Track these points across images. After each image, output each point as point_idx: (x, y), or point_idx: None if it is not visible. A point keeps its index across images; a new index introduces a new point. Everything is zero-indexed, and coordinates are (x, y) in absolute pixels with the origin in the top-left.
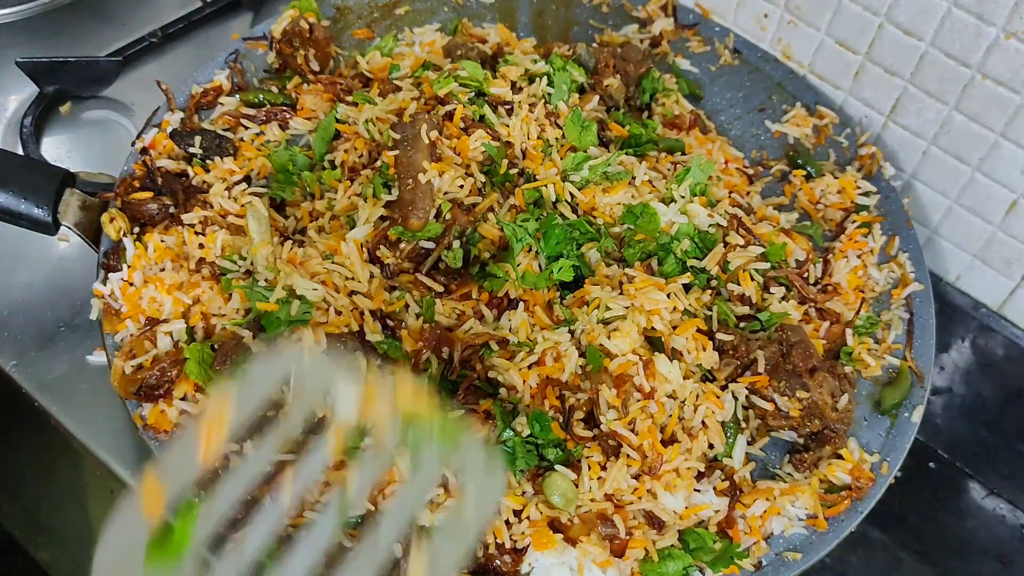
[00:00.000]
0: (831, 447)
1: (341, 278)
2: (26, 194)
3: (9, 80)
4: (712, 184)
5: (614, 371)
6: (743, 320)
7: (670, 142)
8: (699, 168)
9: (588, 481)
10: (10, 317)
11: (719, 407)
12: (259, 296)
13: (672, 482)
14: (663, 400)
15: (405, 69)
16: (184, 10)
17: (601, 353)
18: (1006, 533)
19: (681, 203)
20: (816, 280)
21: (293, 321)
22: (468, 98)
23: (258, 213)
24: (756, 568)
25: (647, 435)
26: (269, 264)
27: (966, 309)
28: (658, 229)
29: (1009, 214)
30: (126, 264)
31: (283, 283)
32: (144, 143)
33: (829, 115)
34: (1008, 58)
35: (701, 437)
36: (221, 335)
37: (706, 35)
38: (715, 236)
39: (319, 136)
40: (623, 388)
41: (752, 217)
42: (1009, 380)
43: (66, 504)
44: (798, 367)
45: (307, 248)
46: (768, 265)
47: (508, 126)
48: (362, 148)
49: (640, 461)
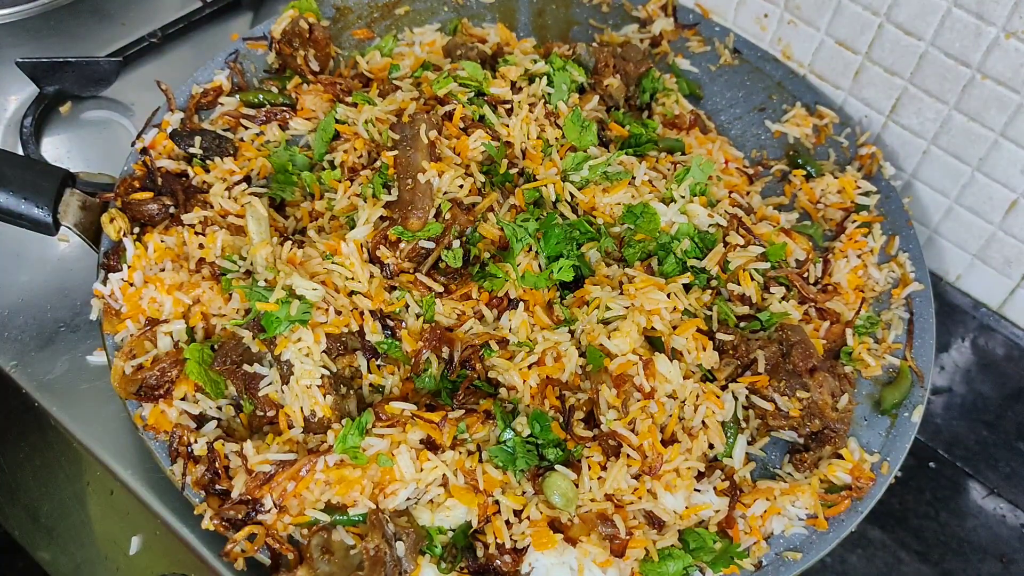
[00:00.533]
0: (831, 447)
1: (341, 278)
2: (26, 194)
3: (9, 80)
4: (712, 184)
5: (614, 371)
6: (743, 320)
7: (670, 142)
8: (699, 168)
9: (588, 481)
10: (10, 317)
11: (719, 407)
12: (259, 296)
13: (672, 482)
14: (663, 400)
15: (405, 69)
16: (184, 10)
17: (601, 353)
18: (1006, 533)
19: (681, 203)
20: (816, 280)
21: (293, 321)
22: (468, 98)
23: (257, 213)
24: (756, 568)
25: (647, 435)
26: (269, 264)
27: (966, 309)
28: (658, 229)
29: (1009, 214)
30: (126, 264)
31: (283, 283)
32: (144, 143)
33: (829, 115)
34: (1008, 58)
35: (701, 437)
36: (221, 335)
37: (706, 35)
38: (715, 236)
39: (319, 136)
40: (623, 388)
41: (752, 217)
42: (1009, 380)
43: (66, 504)
44: (798, 367)
45: (307, 248)
46: (768, 265)
47: (508, 126)
48: (362, 148)
49: (640, 461)
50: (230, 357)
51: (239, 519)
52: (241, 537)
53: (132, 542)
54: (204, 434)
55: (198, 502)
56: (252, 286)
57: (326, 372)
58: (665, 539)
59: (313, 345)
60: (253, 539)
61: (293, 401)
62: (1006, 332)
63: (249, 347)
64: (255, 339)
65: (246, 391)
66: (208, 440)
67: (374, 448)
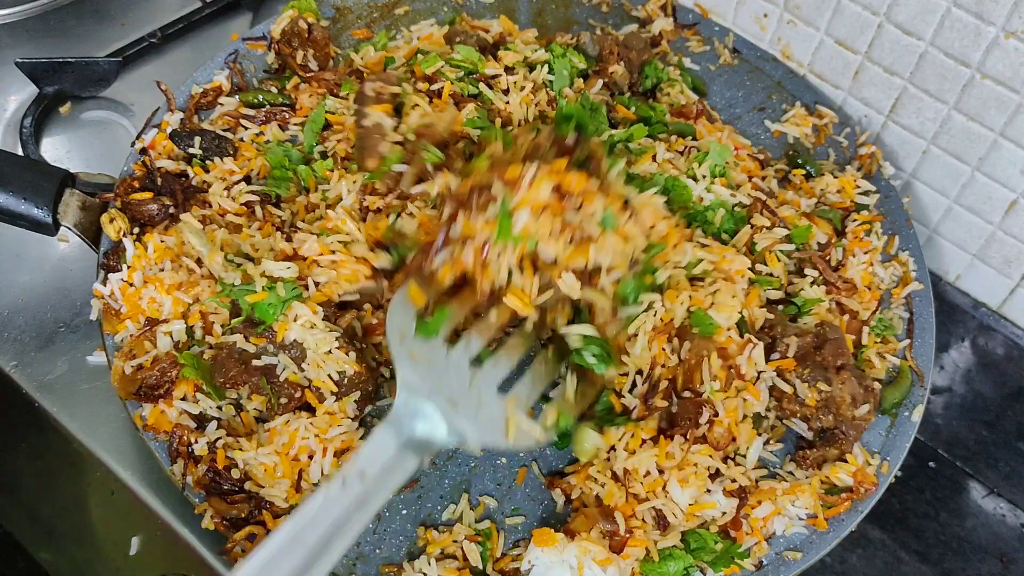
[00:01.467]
0: (837, 449)
1: (335, 244)
2: (26, 194)
3: (9, 80)
4: (730, 168)
5: (720, 344)
6: (779, 304)
7: (680, 126)
8: (717, 152)
9: (620, 449)
10: (10, 317)
11: (756, 397)
12: (244, 293)
13: (688, 476)
14: (761, 389)
15: (400, 61)
16: (184, 10)
17: (710, 320)
18: (1006, 533)
19: (704, 182)
20: (836, 265)
21: (286, 301)
22: (458, 76)
23: (192, 228)
24: (757, 568)
25: (731, 415)
26: (226, 265)
27: (966, 309)
28: (691, 200)
29: (1009, 213)
30: (126, 264)
31: (258, 272)
32: (144, 143)
33: (829, 115)
34: (1008, 57)
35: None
36: (211, 353)
37: (706, 35)
38: (742, 214)
39: (309, 127)
40: (726, 363)
41: (774, 200)
42: (1009, 380)
43: (66, 504)
44: (827, 361)
45: (299, 234)
46: (793, 247)
47: (508, 103)
48: (353, 138)
49: (719, 441)
50: (232, 366)
51: (240, 519)
52: (240, 537)
53: (132, 542)
54: (206, 434)
55: (198, 502)
56: (230, 289)
57: (338, 333)
58: (667, 539)
59: (312, 316)
60: (253, 539)
61: (318, 372)
62: (1006, 332)
63: (245, 349)
64: (249, 340)
65: (268, 382)
66: (209, 440)
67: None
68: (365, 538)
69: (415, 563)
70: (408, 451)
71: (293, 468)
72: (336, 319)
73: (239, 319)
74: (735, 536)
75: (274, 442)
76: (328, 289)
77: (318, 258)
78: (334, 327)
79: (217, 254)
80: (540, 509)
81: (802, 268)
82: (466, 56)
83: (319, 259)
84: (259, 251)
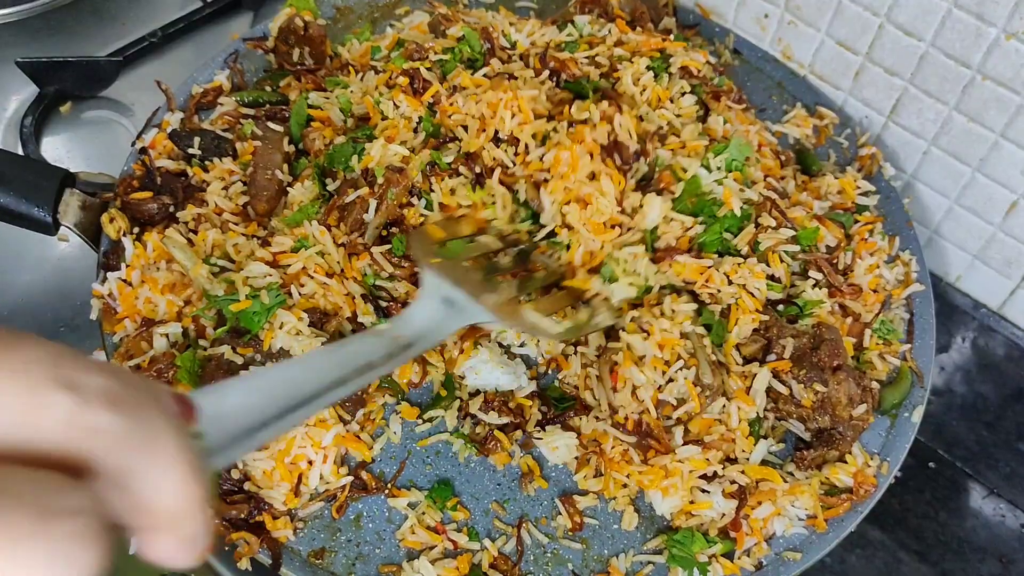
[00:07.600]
0: (835, 450)
1: (313, 265)
2: (26, 194)
3: (9, 80)
4: (748, 165)
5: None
6: (780, 304)
7: None
8: (737, 148)
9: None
10: (10, 317)
11: (749, 404)
12: (228, 302)
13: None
14: (756, 393)
15: (384, 52)
16: (184, 10)
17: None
18: (1006, 533)
19: (716, 175)
20: (844, 269)
21: (271, 308)
22: (438, 59)
23: (176, 243)
24: (757, 568)
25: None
26: (210, 279)
27: (966, 309)
28: (700, 188)
29: (1009, 214)
30: (125, 264)
31: (240, 278)
32: (144, 143)
33: (829, 115)
34: (1008, 58)
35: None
36: (203, 358)
37: (706, 35)
38: (749, 211)
39: (293, 121)
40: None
41: (786, 201)
42: (1009, 380)
43: None
44: (823, 362)
45: (277, 237)
46: (798, 248)
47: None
48: (331, 135)
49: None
50: (221, 377)
51: (239, 519)
52: (240, 537)
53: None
54: None
55: None
56: (214, 300)
57: (324, 339)
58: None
59: (298, 323)
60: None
61: None
62: (1006, 332)
63: (233, 360)
64: (236, 351)
65: None
66: None
67: None
68: (365, 538)
69: (414, 563)
70: (446, 306)
71: (292, 473)
72: (322, 325)
73: (224, 328)
74: (735, 537)
75: (270, 448)
76: (313, 299)
77: (299, 274)
78: (320, 333)
79: (201, 267)
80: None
81: (807, 270)
82: (470, 37)
83: (300, 275)
84: (241, 253)
